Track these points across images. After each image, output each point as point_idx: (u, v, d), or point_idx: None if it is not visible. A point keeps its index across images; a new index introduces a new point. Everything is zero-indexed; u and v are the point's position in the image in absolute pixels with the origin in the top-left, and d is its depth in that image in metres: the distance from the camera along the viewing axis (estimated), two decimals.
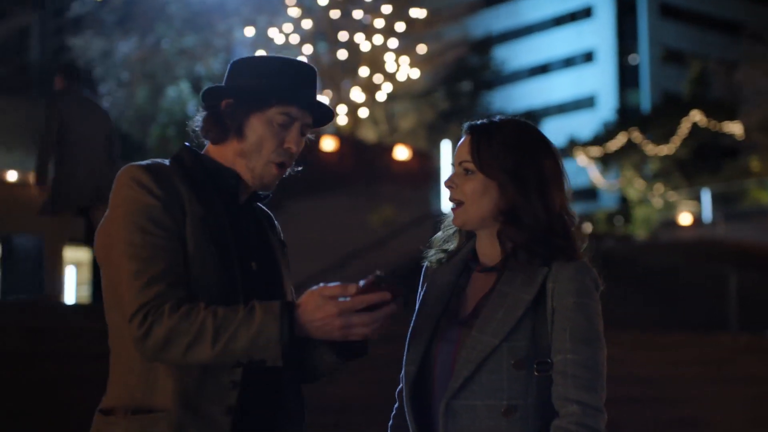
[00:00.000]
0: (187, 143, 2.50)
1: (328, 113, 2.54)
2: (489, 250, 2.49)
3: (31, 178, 7.78)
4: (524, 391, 2.34)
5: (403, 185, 22.11)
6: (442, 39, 28.94)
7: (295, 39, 23.19)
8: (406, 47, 24.51)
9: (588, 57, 53.82)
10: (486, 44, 39.59)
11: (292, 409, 2.46)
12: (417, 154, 21.07)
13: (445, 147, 28.58)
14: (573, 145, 37.42)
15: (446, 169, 29.03)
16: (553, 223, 2.43)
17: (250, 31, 22.69)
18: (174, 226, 2.28)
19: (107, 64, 24.44)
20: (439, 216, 2.62)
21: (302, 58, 21.30)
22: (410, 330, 2.51)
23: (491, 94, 39.50)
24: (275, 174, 2.44)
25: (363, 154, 22.15)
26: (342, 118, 24.11)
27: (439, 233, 2.63)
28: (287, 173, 2.50)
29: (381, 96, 24.61)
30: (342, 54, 24.13)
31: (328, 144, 20.78)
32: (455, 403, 2.34)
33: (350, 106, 24.34)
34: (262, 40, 22.94)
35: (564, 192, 2.48)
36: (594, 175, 37.42)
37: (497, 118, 2.53)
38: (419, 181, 20.88)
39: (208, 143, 2.48)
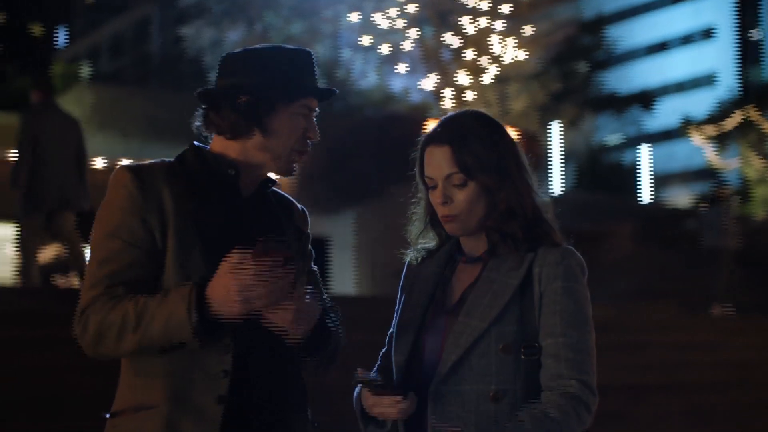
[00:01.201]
0: (195, 141, 2.52)
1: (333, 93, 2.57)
2: (474, 242, 2.49)
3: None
4: (512, 375, 2.34)
5: None
6: (552, 19, 28.58)
7: (400, 23, 23.28)
8: (512, 29, 24.31)
9: (707, 33, 52.36)
10: (600, 23, 38.87)
11: (291, 397, 2.47)
12: (524, 136, 20.86)
13: (555, 129, 28.30)
14: (687, 124, 36.48)
15: (555, 151, 28.75)
16: (536, 208, 2.45)
17: (355, 17, 22.87)
18: (141, 230, 2.32)
19: (217, 53, 24.98)
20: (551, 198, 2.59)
21: (408, 42, 21.16)
22: (397, 322, 2.52)
23: (606, 73, 38.83)
24: (298, 162, 2.50)
25: None
26: (447, 102, 24.08)
27: (414, 230, 2.60)
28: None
29: (487, 78, 24.47)
30: (447, 37, 24.09)
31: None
32: (444, 389, 2.34)
33: (456, 90, 24.29)
34: (368, 25, 23.10)
35: (530, 172, 2.50)
36: (709, 154, 36.45)
37: (451, 116, 2.50)
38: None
39: (213, 137, 2.50)
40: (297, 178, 19.37)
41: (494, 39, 23.73)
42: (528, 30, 24.50)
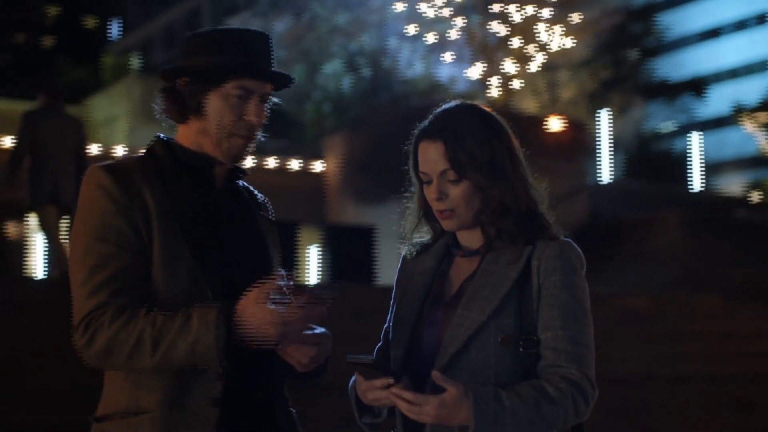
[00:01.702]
0: (160, 134, 2.48)
1: (287, 77, 2.48)
2: (470, 236, 2.48)
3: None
4: (511, 368, 2.32)
5: (557, 157, 21.96)
6: (600, 6, 28.31)
7: (446, 12, 23.23)
8: (559, 16, 24.15)
9: (761, 19, 51.55)
10: (650, 9, 38.39)
11: (279, 396, 2.47)
12: (571, 125, 20.73)
13: (604, 117, 28.06)
14: (740, 111, 35.97)
15: (605, 139, 28.53)
16: (531, 201, 2.44)
17: (401, 6, 22.87)
18: (129, 230, 2.27)
19: None
20: (595, 187, 2.46)
21: (454, 32, 21.18)
22: (393, 316, 2.51)
23: (657, 60, 38.37)
24: (241, 145, 2.41)
25: (515, 127, 22.01)
26: (494, 90, 24.00)
27: (408, 225, 2.59)
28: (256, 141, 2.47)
29: (534, 67, 24.35)
30: (494, 26, 23.99)
31: None
32: None
33: (503, 78, 24.19)
34: (415, 14, 23.07)
35: (524, 164, 2.47)
36: (762, 142, 35.93)
37: (444, 110, 2.47)
38: (574, 153, 20.55)
39: (179, 127, 2.46)
40: (342, 167, 19.43)
41: (541, 27, 23.60)
42: (576, 17, 24.33)
